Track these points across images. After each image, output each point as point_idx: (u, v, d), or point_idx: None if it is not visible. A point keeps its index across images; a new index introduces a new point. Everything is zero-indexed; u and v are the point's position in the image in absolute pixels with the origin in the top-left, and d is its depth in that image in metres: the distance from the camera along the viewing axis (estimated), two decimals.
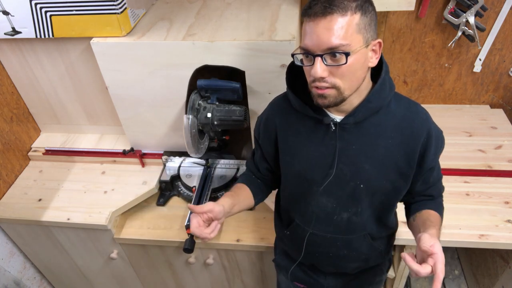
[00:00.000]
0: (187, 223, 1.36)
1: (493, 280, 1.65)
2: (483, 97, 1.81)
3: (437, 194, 1.05)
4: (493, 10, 1.54)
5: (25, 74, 1.53)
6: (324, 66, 0.80)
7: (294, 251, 1.13)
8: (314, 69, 0.80)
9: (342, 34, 0.76)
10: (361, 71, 0.83)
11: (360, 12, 0.78)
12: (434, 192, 1.03)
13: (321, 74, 0.80)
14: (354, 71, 0.81)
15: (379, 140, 0.91)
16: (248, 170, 1.17)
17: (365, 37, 0.80)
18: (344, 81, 0.82)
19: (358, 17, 0.77)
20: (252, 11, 1.39)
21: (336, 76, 0.81)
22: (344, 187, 0.96)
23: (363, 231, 1.03)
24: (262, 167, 1.11)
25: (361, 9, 0.78)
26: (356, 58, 0.79)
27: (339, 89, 0.82)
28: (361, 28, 0.78)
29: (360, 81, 0.85)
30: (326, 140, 0.94)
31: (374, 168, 0.93)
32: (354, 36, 0.78)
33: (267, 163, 1.10)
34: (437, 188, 1.04)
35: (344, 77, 0.81)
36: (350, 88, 0.84)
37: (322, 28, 0.77)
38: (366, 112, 0.89)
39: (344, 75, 0.81)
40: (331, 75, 0.81)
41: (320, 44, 0.78)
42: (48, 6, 1.27)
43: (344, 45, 0.77)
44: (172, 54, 1.27)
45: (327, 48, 0.78)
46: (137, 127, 1.52)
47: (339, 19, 0.76)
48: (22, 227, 1.52)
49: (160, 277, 1.67)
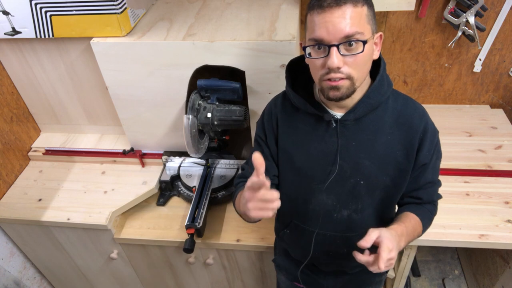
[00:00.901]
0: (187, 223, 1.36)
1: (493, 280, 1.65)
2: (483, 97, 1.81)
3: (427, 199, 1.00)
4: (493, 10, 1.54)
5: (25, 74, 1.53)
6: (340, 56, 0.80)
7: (294, 250, 1.13)
8: (331, 60, 0.79)
9: (356, 23, 0.78)
10: (370, 63, 0.86)
11: (367, 4, 0.81)
12: (423, 195, 0.99)
13: (338, 64, 0.79)
14: (366, 61, 0.83)
15: (378, 136, 0.92)
16: (243, 175, 1.09)
17: (372, 28, 0.82)
18: (357, 71, 0.82)
19: (366, 9, 0.80)
20: (252, 11, 1.39)
21: (350, 66, 0.81)
22: (344, 184, 0.96)
23: (363, 228, 1.02)
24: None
25: (367, 2, 0.81)
26: (368, 48, 0.81)
27: (352, 79, 0.83)
28: (369, 19, 0.81)
29: (367, 73, 0.87)
30: (327, 137, 0.94)
31: (373, 164, 0.93)
32: (366, 26, 0.80)
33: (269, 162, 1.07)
34: (428, 193, 1.00)
35: (358, 66, 0.82)
36: (361, 79, 0.85)
37: (337, 18, 0.77)
38: (366, 108, 0.90)
39: (358, 65, 0.82)
40: (345, 65, 0.81)
41: (336, 33, 0.78)
42: (48, 6, 1.27)
43: (359, 33, 0.79)
44: (172, 54, 1.27)
45: (344, 37, 0.78)
46: (137, 127, 1.52)
47: (353, 9, 0.78)
48: (22, 227, 1.52)
49: (160, 277, 1.67)
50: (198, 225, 1.35)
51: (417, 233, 0.98)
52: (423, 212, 1.00)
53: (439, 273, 2.03)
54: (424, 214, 0.99)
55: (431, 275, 2.02)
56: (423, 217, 0.99)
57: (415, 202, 1.02)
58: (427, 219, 1.00)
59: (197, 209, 1.40)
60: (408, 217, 0.96)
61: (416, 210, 0.99)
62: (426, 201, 1.01)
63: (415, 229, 0.96)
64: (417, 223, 0.97)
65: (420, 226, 0.98)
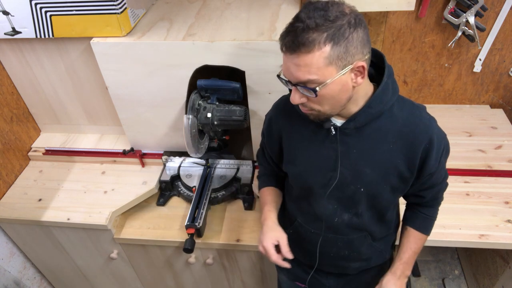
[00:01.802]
0: (187, 223, 1.36)
1: (493, 280, 1.65)
2: (483, 97, 1.81)
3: (430, 197, 1.03)
4: (493, 10, 1.54)
5: (25, 74, 1.53)
6: (301, 94, 0.82)
7: (296, 250, 1.13)
8: (292, 97, 0.84)
9: (309, 70, 0.76)
10: (342, 95, 0.82)
11: (332, 43, 0.74)
12: (427, 194, 1.02)
13: (297, 101, 0.83)
14: (331, 97, 0.81)
15: (380, 145, 0.91)
16: (264, 169, 1.19)
17: (341, 65, 0.76)
18: (323, 105, 0.83)
19: (329, 49, 0.74)
20: (252, 11, 1.39)
21: (314, 102, 0.83)
22: (344, 190, 0.96)
23: (364, 231, 1.03)
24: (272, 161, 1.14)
25: (332, 40, 0.73)
26: (331, 88, 0.79)
27: (319, 112, 0.85)
28: (333, 60, 0.75)
29: (343, 101, 0.84)
30: (327, 143, 0.94)
31: (374, 172, 0.93)
32: (323, 69, 0.76)
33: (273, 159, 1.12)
34: (432, 192, 1.02)
35: (321, 103, 0.83)
36: (332, 110, 0.85)
37: (291, 63, 0.78)
38: (366, 117, 0.89)
39: (321, 102, 0.83)
40: (309, 101, 0.83)
41: (291, 78, 0.80)
42: (48, 6, 1.27)
43: (312, 80, 0.77)
44: (172, 54, 1.27)
45: (298, 82, 0.79)
46: (137, 127, 1.52)
47: (304, 57, 0.75)
48: (22, 227, 1.52)
49: (160, 277, 1.67)
50: (198, 225, 1.35)
51: (421, 246, 1.08)
52: (425, 221, 1.08)
53: (439, 273, 2.03)
54: (427, 223, 1.08)
55: (431, 275, 2.02)
56: (426, 226, 1.08)
57: (419, 202, 1.05)
58: (429, 226, 1.08)
59: (197, 209, 1.40)
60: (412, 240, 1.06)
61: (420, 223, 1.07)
62: (429, 199, 1.04)
63: (418, 246, 1.07)
64: (419, 239, 1.07)
65: (423, 239, 1.07)
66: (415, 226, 1.07)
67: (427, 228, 1.08)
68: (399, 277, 1.05)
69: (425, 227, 1.07)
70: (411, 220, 1.08)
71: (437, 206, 1.08)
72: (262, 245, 0.99)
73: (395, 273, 1.05)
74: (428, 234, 1.08)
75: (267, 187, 1.15)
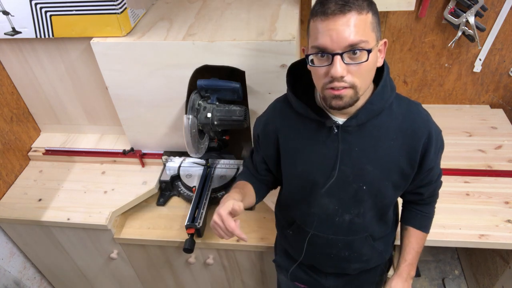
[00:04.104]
0: (187, 223, 1.36)
1: (493, 280, 1.65)
2: (483, 97, 1.81)
3: (428, 194, 1.05)
4: (493, 10, 1.54)
5: (25, 74, 1.53)
6: (344, 65, 0.77)
7: (296, 251, 1.13)
8: (334, 68, 0.77)
9: (361, 31, 0.76)
10: (373, 71, 0.83)
11: (372, 12, 0.78)
12: (425, 191, 1.03)
13: (341, 73, 0.77)
14: (370, 70, 0.81)
15: (381, 142, 0.91)
16: (247, 169, 1.16)
17: (377, 35, 0.80)
18: (361, 79, 0.80)
19: (371, 16, 0.78)
20: (252, 11, 1.39)
21: (354, 75, 0.79)
22: (346, 189, 0.96)
23: (365, 232, 1.03)
24: (261, 168, 1.11)
25: (371, 9, 0.78)
26: (373, 56, 0.79)
27: (356, 88, 0.81)
28: (374, 27, 0.79)
29: (371, 81, 0.85)
30: (328, 142, 0.93)
31: (376, 169, 0.93)
32: (370, 34, 0.78)
33: (266, 164, 1.10)
34: (429, 188, 1.03)
35: (362, 75, 0.80)
36: (364, 88, 0.83)
37: (341, 26, 0.75)
38: (368, 114, 0.89)
39: (361, 74, 0.79)
40: (349, 74, 0.79)
41: (340, 42, 0.75)
42: (48, 6, 1.27)
43: (364, 42, 0.76)
44: (172, 54, 1.27)
45: (348, 45, 0.76)
46: (137, 127, 1.52)
47: (357, 17, 0.75)
48: (22, 227, 1.52)
49: (160, 277, 1.67)
50: (198, 225, 1.35)
51: (422, 245, 1.09)
52: (423, 220, 1.09)
53: (439, 273, 2.03)
54: (425, 222, 1.09)
55: (431, 275, 2.03)
56: (425, 225, 1.09)
57: (417, 200, 1.07)
58: (429, 225, 1.10)
59: (197, 209, 1.40)
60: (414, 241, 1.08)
61: (419, 222, 1.08)
62: (426, 196, 1.05)
63: (420, 246, 1.09)
64: (421, 239, 1.09)
65: (423, 238, 1.09)
66: (415, 226, 1.08)
67: (427, 226, 1.09)
68: (406, 279, 1.07)
69: (425, 225, 1.09)
70: (411, 219, 1.09)
71: (433, 203, 1.09)
72: (218, 213, 0.90)
73: (401, 275, 1.07)
74: (428, 232, 1.09)
75: (242, 180, 1.12)
